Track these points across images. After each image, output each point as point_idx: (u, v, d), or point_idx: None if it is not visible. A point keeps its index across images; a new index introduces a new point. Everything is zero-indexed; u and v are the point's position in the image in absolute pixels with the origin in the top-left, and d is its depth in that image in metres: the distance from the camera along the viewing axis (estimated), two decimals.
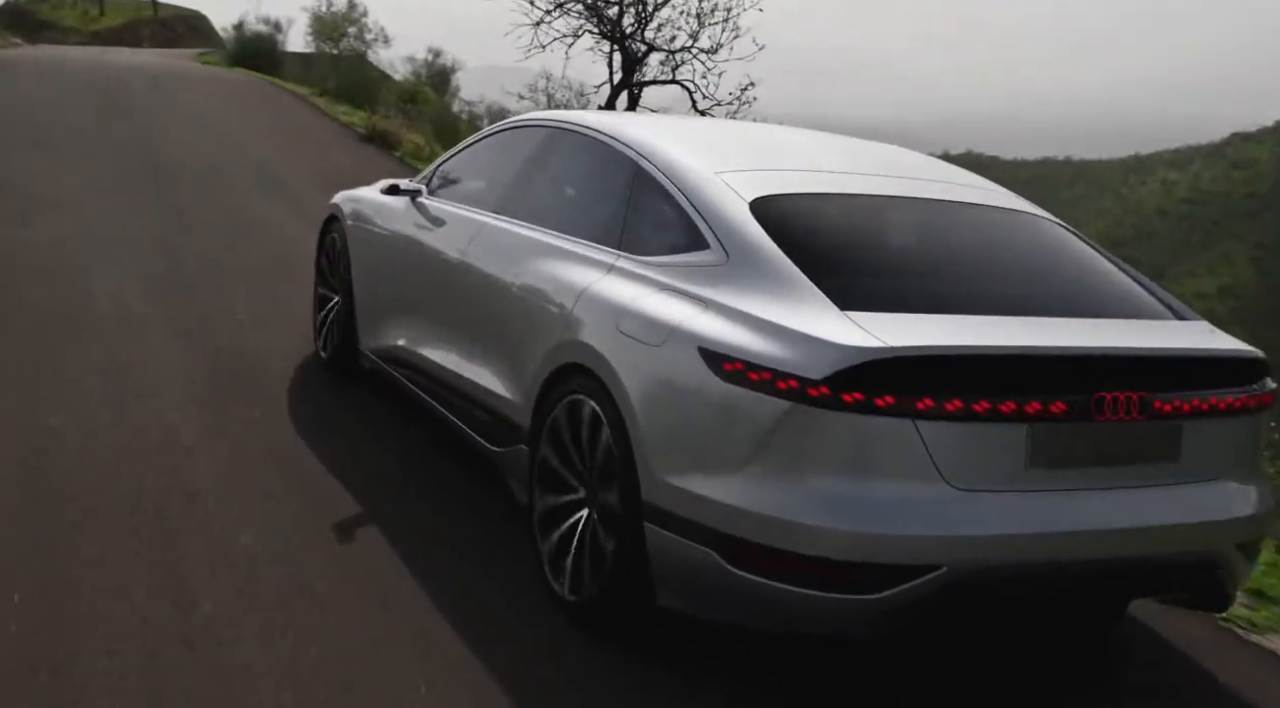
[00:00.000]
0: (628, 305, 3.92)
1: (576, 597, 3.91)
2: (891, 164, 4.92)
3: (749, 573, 3.39)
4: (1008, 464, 3.38)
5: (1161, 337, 3.85)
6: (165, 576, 3.90)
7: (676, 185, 4.19)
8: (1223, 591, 3.77)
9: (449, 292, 5.19)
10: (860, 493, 3.29)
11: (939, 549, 3.29)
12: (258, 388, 5.97)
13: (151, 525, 4.25)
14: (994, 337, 3.48)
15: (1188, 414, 3.58)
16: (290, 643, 3.60)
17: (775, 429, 3.33)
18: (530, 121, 5.50)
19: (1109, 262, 4.32)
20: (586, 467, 3.97)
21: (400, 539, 4.41)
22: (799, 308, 3.51)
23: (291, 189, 12.13)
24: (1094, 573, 3.52)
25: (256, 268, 8.65)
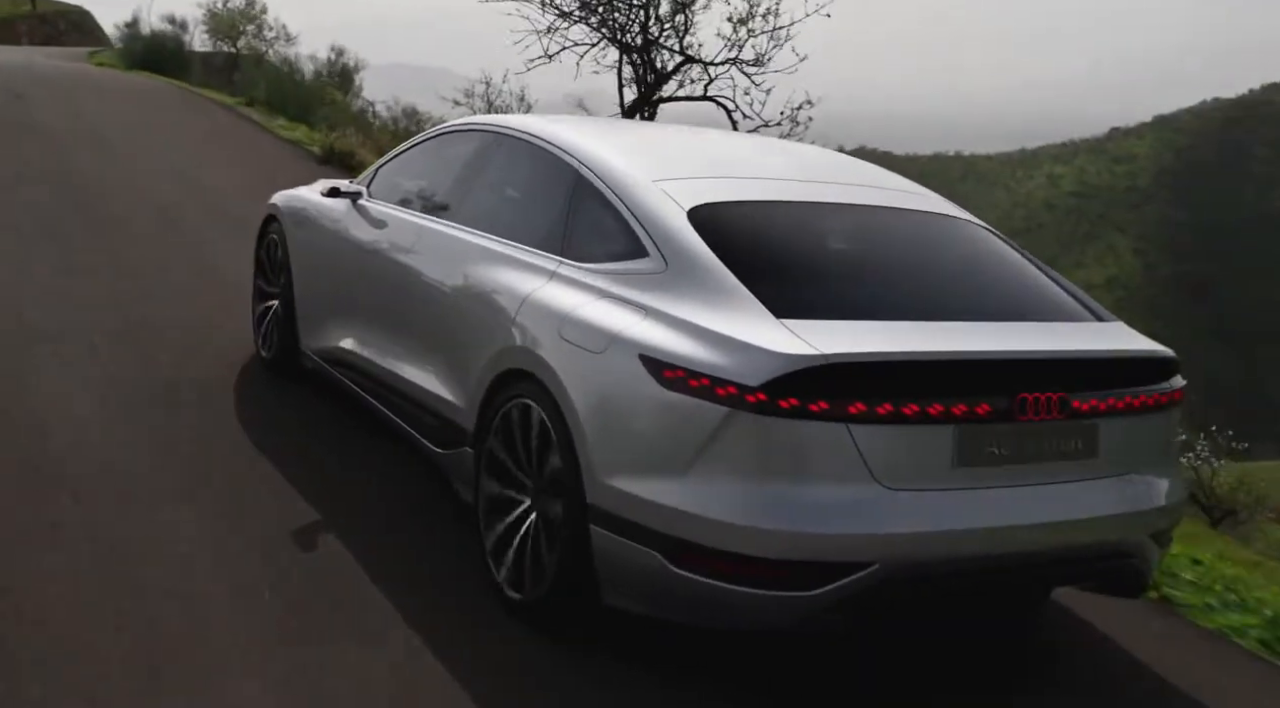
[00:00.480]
0: (570, 313, 4.03)
1: (523, 595, 4.02)
2: (829, 169, 5.08)
3: (691, 573, 3.53)
4: (936, 464, 3.55)
5: (1080, 339, 4.05)
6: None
7: (616, 193, 4.29)
8: (1139, 577, 4.00)
9: (392, 295, 5.24)
10: (796, 495, 3.44)
11: (871, 547, 3.46)
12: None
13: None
14: (923, 343, 3.65)
15: (1104, 413, 3.78)
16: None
17: (714, 434, 3.47)
18: (472, 126, 5.56)
19: (1032, 265, 4.51)
20: (532, 470, 4.07)
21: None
22: (736, 316, 3.65)
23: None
24: (1018, 565, 3.72)
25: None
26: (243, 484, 4.95)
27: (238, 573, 4.18)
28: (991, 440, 3.60)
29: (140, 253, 8.84)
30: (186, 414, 5.67)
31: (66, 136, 13.86)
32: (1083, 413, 3.73)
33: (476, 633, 3.98)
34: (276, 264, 6.43)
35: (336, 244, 5.84)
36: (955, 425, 3.54)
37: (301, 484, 4.99)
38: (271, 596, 4.05)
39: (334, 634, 3.87)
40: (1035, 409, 3.61)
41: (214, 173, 12.60)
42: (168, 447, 5.24)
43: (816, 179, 4.83)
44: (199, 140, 15.04)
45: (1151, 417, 3.96)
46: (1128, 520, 3.88)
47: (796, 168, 5.03)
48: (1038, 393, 3.61)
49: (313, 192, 6.38)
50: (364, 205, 5.76)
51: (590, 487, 3.74)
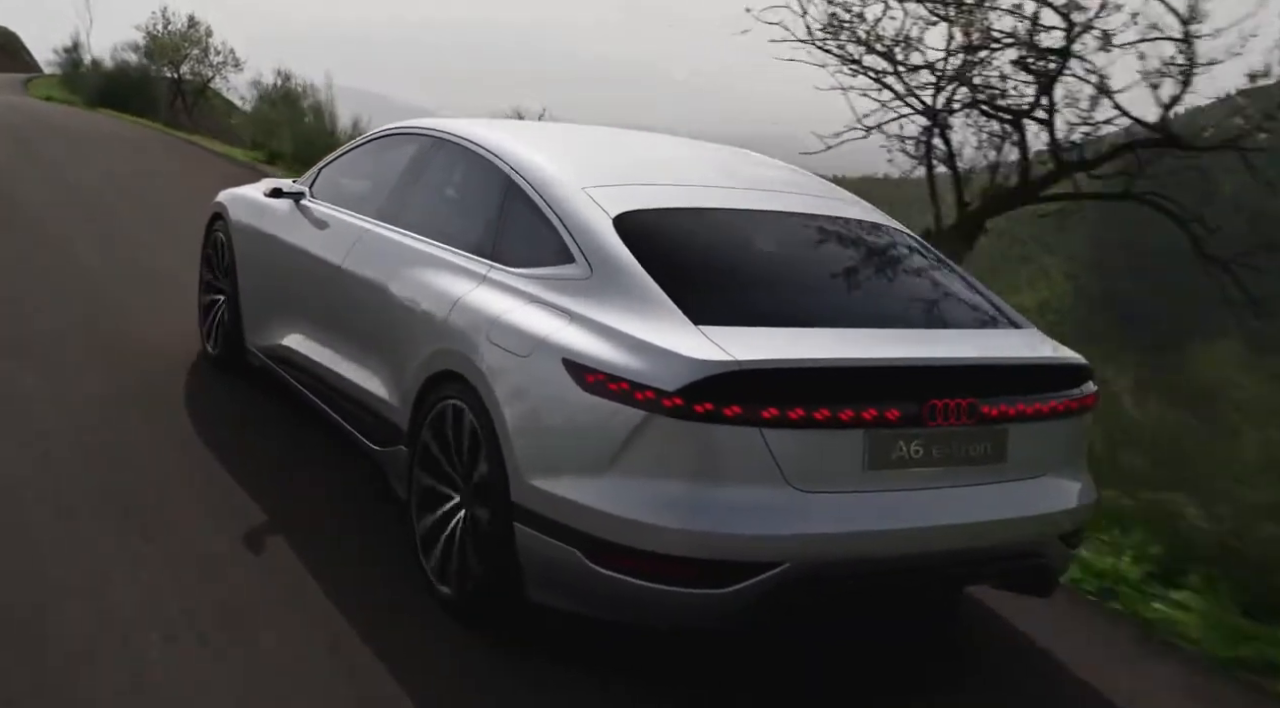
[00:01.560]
0: (498, 317, 4.13)
1: (452, 591, 4.12)
2: (758, 176, 5.21)
3: (610, 570, 3.64)
4: (847, 467, 3.67)
5: (992, 345, 4.20)
6: None
7: (544, 200, 4.41)
8: (1046, 577, 4.14)
9: (332, 295, 5.36)
10: (710, 496, 3.56)
11: (781, 547, 3.57)
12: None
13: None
14: (835, 349, 3.79)
15: (1013, 418, 3.91)
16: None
17: (633, 437, 3.59)
18: (411, 129, 5.66)
19: (954, 273, 4.66)
20: (461, 469, 4.17)
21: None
22: (657, 323, 3.76)
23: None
24: (927, 565, 3.85)
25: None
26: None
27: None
28: (901, 445, 3.73)
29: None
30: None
31: (60, 228, 10.19)
32: (992, 418, 3.85)
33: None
34: (223, 263, 6.57)
35: (279, 244, 5.97)
36: (866, 430, 3.66)
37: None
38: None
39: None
40: (945, 414, 3.74)
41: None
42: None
43: (744, 186, 4.97)
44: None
45: (1062, 422, 4.09)
46: (1035, 522, 4.01)
47: (725, 174, 5.16)
48: (947, 399, 3.74)
49: (257, 190, 6.53)
50: (306, 206, 5.92)
51: (515, 486, 3.85)
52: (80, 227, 10.33)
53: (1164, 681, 4.47)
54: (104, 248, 9.53)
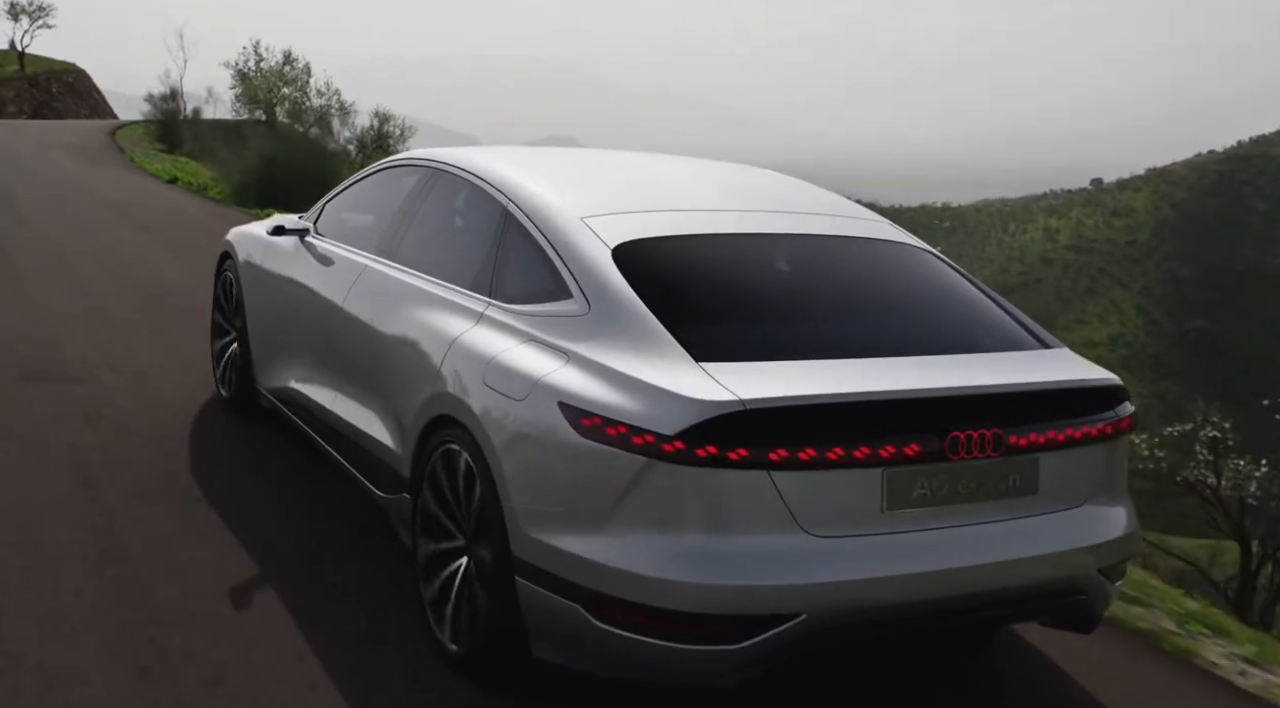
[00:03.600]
0: (494, 358, 3.93)
1: (458, 646, 3.91)
2: (769, 196, 4.94)
3: (613, 627, 3.40)
4: (864, 509, 3.42)
5: (1017, 370, 3.88)
6: None
7: (541, 231, 4.20)
8: (1088, 614, 3.85)
9: (335, 335, 5.21)
10: (718, 546, 3.31)
11: (797, 598, 3.32)
12: None
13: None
14: (847, 383, 3.51)
15: (1043, 447, 3.65)
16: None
17: (632, 485, 3.35)
18: (411, 160, 5.49)
19: (976, 289, 4.38)
20: (463, 518, 3.97)
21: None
22: (655, 361, 3.53)
23: None
24: (956, 609, 3.58)
25: None
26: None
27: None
28: (922, 482, 3.47)
29: None
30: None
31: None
32: (1020, 448, 3.59)
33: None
34: (231, 303, 6.48)
35: (284, 282, 5.86)
36: (883, 468, 3.41)
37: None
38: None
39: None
40: (968, 448, 3.49)
41: None
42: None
43: (751, 207, 4.68)
44: None
45: (1097, 447, 3.83)
46: (1074, 557, 3.73)
47: (731, 194, 4.89)
48: (969, 430, 3.49)
49: (262, 228, 6.43)
50: (310, 242, 5.79)
51: (514, 538, 3.63)
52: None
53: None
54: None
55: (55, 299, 9.61)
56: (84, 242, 12.95)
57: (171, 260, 12.20)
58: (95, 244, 12.82)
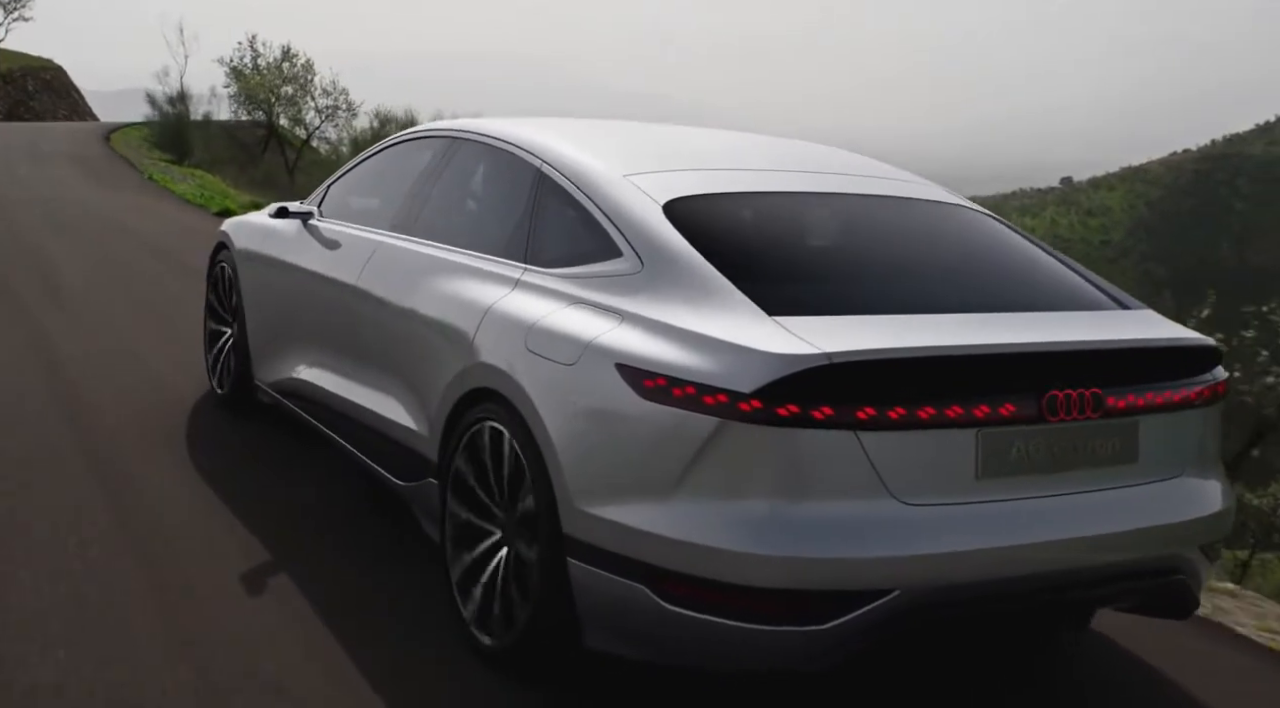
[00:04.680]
0: (537, 322, 3.61)
1: (497, 641, 3.58)
2: (812, 160, 4.64)
3: (683, 608, 3.07)
4: (957, 475, 3.11)
5: (1111, 328, 3.60)
6: None
7: (582, 190, 3.89)
8: (1187, 596, 3.54)
9: (346, 318, 4.85)
10: (801, 515, 2.99)
11: (890, 572, 3.01)
12: None
13: None
14: (935, 337, 3.20)
15: (1143, 409, 3.36)
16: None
17: (704, 449, 3.03)
18: (424, 133, 5.17)
19: (1044, 252, 4.11)
20: (501, 500, 3.64)
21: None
22: (723, 316, 3.22)
23: None
24: (1054, 587, 3.26)
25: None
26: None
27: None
28: (1019, 446, 3.17)
29: None
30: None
31: None
32: (1120, 411, 3.29)
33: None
34: (227, 295, 6.12)
35: (287, 269, 5.49)
36: (977, 429, 3.11)
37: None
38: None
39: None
40: (1067, 408, 3.18)
41: None
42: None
43: (800, 169, 4.40)
44: None
45: (1194, 414, 3.53)
46: (1175, 532, 3.42)
47: (777, 159, 4.61)
48: (1069, 390, 3.19)
49: (263, 216, 6.07)
50: (315, 225, 5.43)
51: (566, 515, 3.30)
52: None
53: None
54: None
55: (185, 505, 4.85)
56: (164, 341, 7.87)
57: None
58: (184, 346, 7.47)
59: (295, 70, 25.79)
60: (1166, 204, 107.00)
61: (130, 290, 9.88)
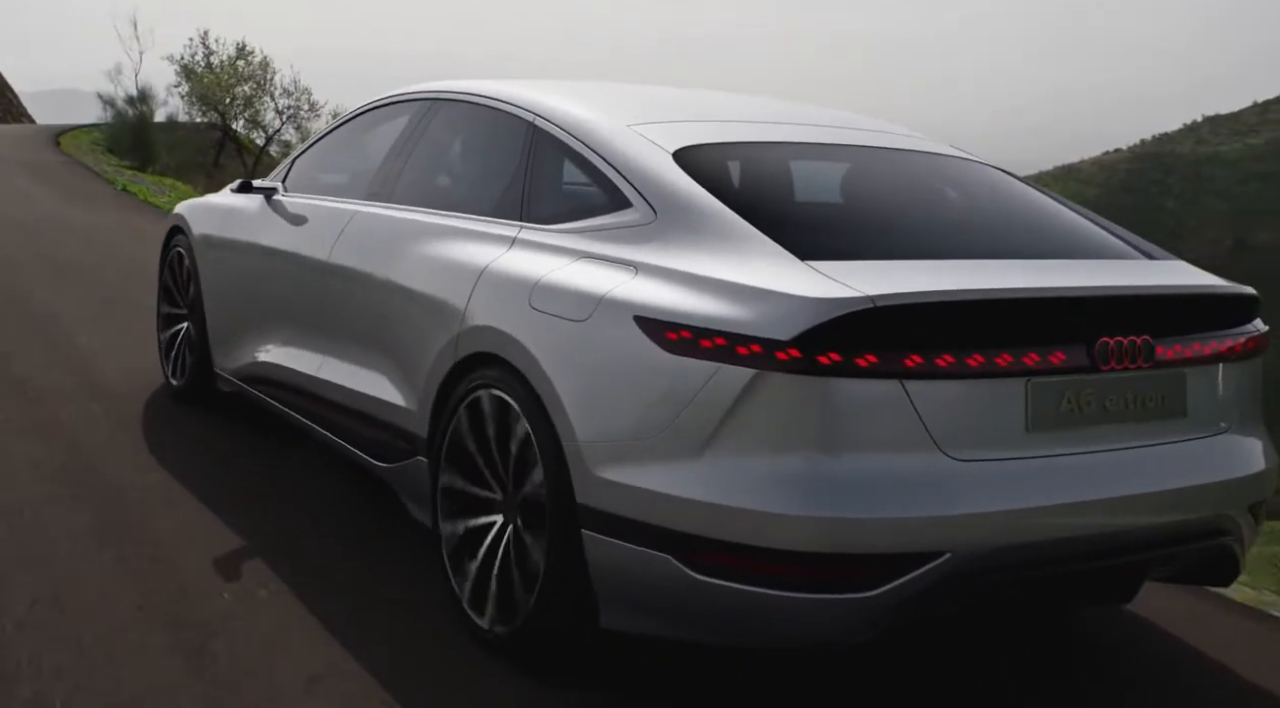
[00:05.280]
0: (541, 279, 3.35)
1: (503, 628, 3.30)
2: (820, 116, 4.40)
3: (715, 578, 2.83)
4: (1007, 428, 2.90)
5: (1153, 275, 3.43)
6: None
7: (583, 141, 3.64)
8: (1234, 560, 3.34)
9: (318, 294, 4.53)
10: (844, 472, 2.76)
11: (940, 532, 2.78)
12: None
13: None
14: (982, 281, 3.00)
15: (1190, 360, 3.17)
16: None
17: (737, 404, 2.79)
18: (398, 97, 4.85)
19: (1064, 205, 3.92)
20: (503, 473, 3.37)
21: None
22: (750, 262, 2.98)
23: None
24: (1105, 549, 3.05)
25: None
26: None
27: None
28: (1069, 397, 2.97)
29: None
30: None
31: None
32: (1169, 361, 3.11)
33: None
34: (183, 281, 5.73)
35: (250, 248, 5.15)
36: (1028, 379, 2.90)
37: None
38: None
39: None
40: (1119, 356, 2.99)
41: None
42: None
43: (812, 123, 4.18)
44: None
45: (1238, 367, 3.35)
46: (1224, 490, 3.23)
47: (784, 113, 4.36)
48: (1120, 337, 2.99)
49: (221, 196, 5.72)
50: (280, 201, 5.08)
51: (580, 482, 3.04)
52: None
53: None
54: None
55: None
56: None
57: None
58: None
59: (251, 69, 24.08)
60: (1103, 202, 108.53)
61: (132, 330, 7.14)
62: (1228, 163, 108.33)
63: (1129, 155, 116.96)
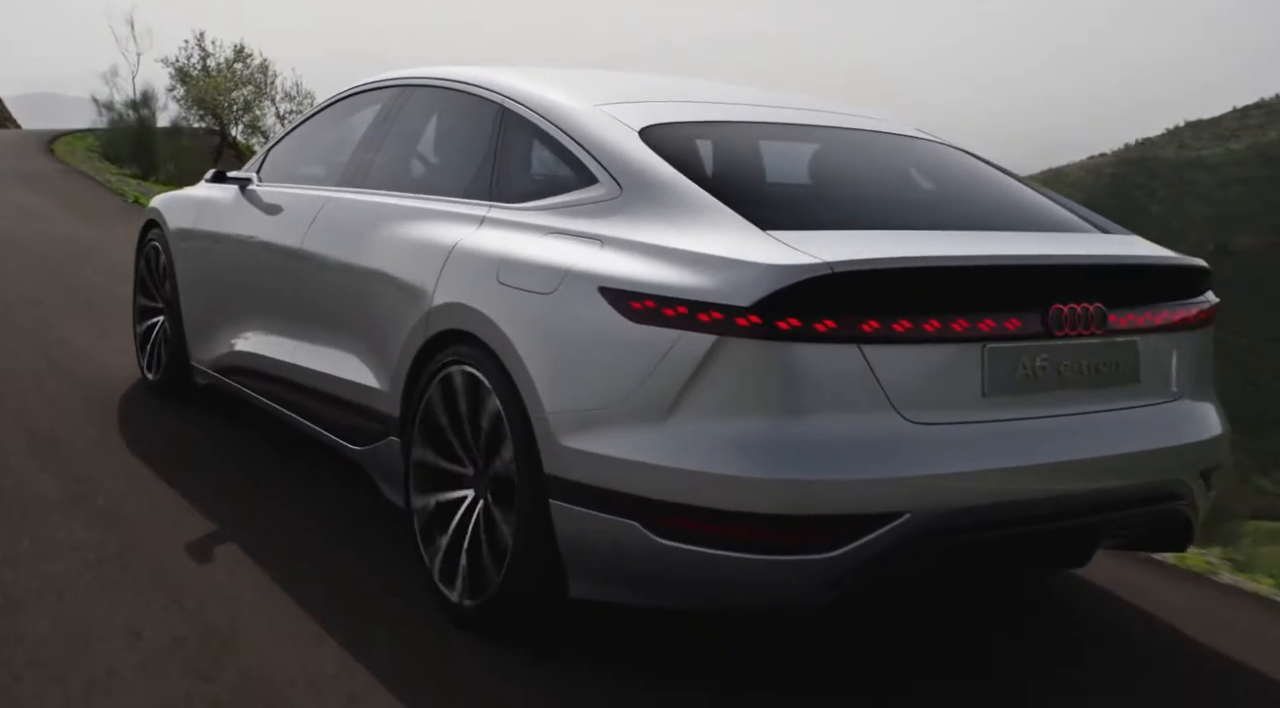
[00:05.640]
0: (508, 255, 3.41)
1: (471, 601, 3.35)
2: (786, 99, 4.48)
3: (679, 542, 2.89)
4: (964, 391, 2.98)
5: (1106, 246, 3.53)
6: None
7: (551, 121, 3.71)
8: (1187, 525, 3.42)
9: (291, 282, 4.58)
10: (804, 434, 2.83)
11: (899, 493, 2.85)
12: None
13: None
14: (939, 248, 3.09)
15: (1143, 328, 3.27)
16: None
17: (699, 370, 2.86)
18: (370, 85, 4.90)
19: (1024, 183, 4.00)
20: (473, 448, 3.43)
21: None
22: (712, 232, 3.06)
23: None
24: (1063, 512, 3.12)
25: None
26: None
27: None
28: (1024, 362, 3.05)
29: None
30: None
31: None
32: (1121, 329, 3.20)
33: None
34: (159, 275, 5.76)
35: (225, 240, 5.19)
36: (984, 344, 2.98)
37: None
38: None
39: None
40: (1072, 323, 3.07)
41: None
42: None
43: (776, 105, 4.26)
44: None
45: (1189, 336, 3.45)
46: (1176, 455, 3.32)
47: (750, 97, 4.43)
48: (1073, 304, 3.07)
49: (196, 188, 5.76)
50: (254, 191, 5.12)
51: (548, 453, 3.10)
52: None
53: None
54: None
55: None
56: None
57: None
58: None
59: (250, 72, 22.87)
60: (1090, 206, 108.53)
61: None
62: (1209, 167, 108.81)
63: (1114, 160, 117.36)
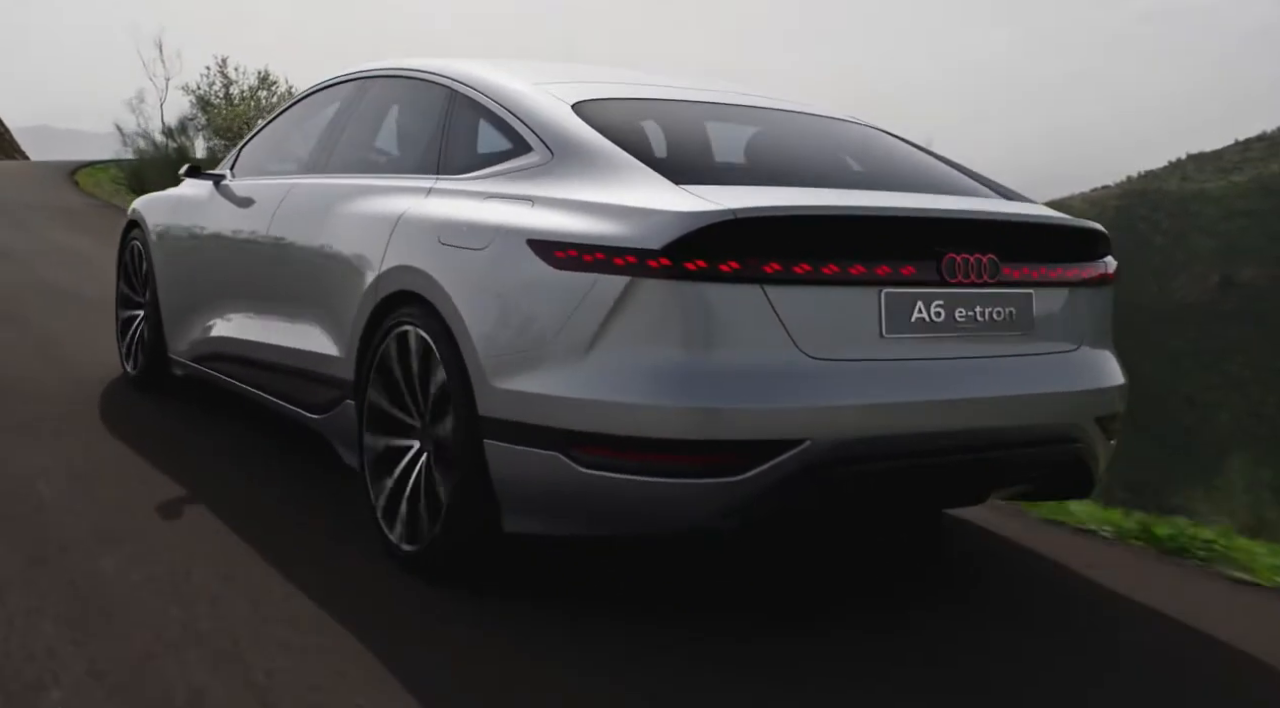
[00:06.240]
0: (449, 218, 3.68)
1: (410, 546, 3.59)
2: (717, 84, 4.81)
3: (599, 470, 3.13)
4: (863, 331, 3.23)
5: (1003, 206, 3.81)
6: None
7: (494, 98, 3.99)
8: (1086, 468, 3.65)
9: (259, 266, 4.85)
10: (713, 366, 3.08)
11: (800, 421, 3.09)
12: None
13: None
14: (838, 200, 3.37)
15: (1036, 282, 3.51)
16: None
17: (615, 308, 3.11)
18: (334, 80, 5.20)
19: (939, 159, 4.28)
20: (419, 401, 3.67)
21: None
22: (631, 188, 3.33)
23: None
24: (959, 446, 3.35)
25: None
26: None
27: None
28: (920, 306, 3.29)
29: None
30: None
31: None
32: (1014, 280, 3.44)
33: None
34: (140, 274, 6.05)
35: (199, 235, 5.49)
36: (880, 288, 3.23)
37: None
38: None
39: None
40: (965, 271, 3.31)
41: None
42: None
43: (706, 88, 4.57)
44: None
45: (1086, 293, 3.70)
46: (1070, 400, 3.57)
47: (686, 81, 4.75)
48: (966, 254, 3.32)
49: (174, 189, 6.07)
50: (227, 186, 5.43)
51: (482, 397, 3.34)
52: None
53: None
54: None
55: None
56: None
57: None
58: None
59: (275, 99, 21.93)
60: None
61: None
62: (1213, 200, 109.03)
63: (1118, 192, 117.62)
